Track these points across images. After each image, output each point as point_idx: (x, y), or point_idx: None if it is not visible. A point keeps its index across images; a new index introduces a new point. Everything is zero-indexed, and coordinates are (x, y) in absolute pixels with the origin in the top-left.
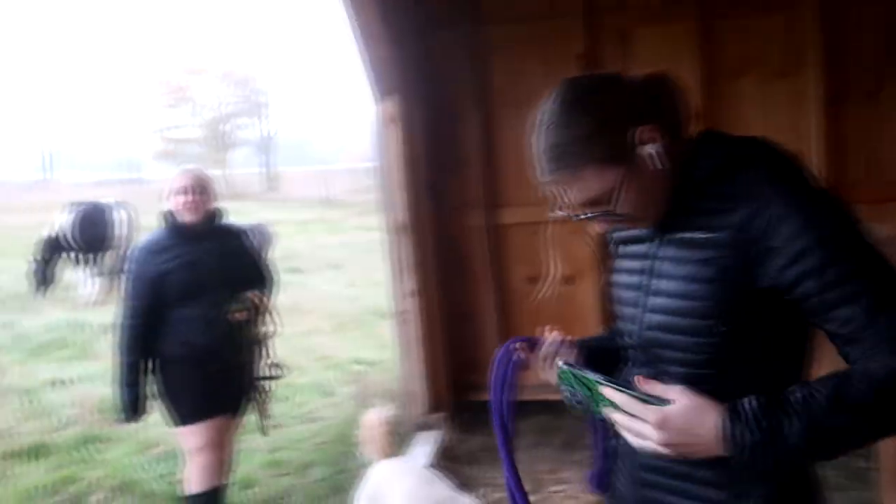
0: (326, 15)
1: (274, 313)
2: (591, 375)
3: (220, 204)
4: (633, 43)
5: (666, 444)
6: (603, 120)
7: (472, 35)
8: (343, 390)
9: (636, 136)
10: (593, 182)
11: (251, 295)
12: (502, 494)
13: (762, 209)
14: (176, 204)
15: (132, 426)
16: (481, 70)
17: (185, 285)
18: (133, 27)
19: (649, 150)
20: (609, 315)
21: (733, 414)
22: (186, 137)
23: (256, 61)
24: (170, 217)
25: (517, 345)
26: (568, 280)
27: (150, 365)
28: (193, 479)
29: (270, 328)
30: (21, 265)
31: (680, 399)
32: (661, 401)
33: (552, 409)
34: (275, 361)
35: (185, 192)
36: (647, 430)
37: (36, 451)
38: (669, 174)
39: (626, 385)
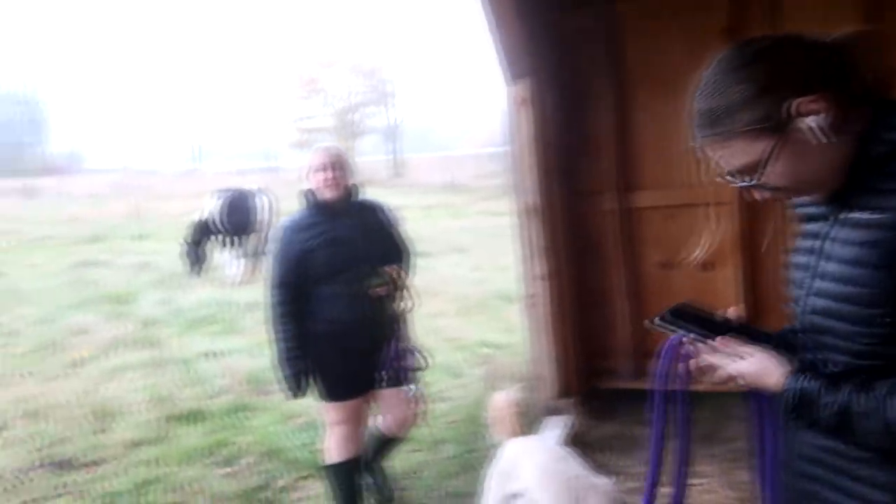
0: (451, 2)
1: (412, 289)
2: (679, 331)
3: (357, 180)
4: (785, 12)
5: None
6: (758, 89)
7: (605, 12)
8: (471, 372)
9: (794, 107)
10: (741, 151)
11: (389, 269)
12: (636, 484)
13: None
14: (315, 181)
15: (275, 398)
16: (615, 49)
17: (329, 262)
18: (270, 25)
19: (810, 122)
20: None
21: (792, 380)
22: (318, 127)
23: (383, 52)
24: (310, 195)
25: (686, 338)
26: (706, 266)
27: (301, 342)
28: (333, 450)
29: (408, 304)
30: (176, 247)
31: (753, 357)
32: (739, 354)
33: (690, 399)
34: (417, 349)
35: (324, 169)
36: (727, 377)
37: (193, 416)
38: (841, 148)
39: (706, 338)
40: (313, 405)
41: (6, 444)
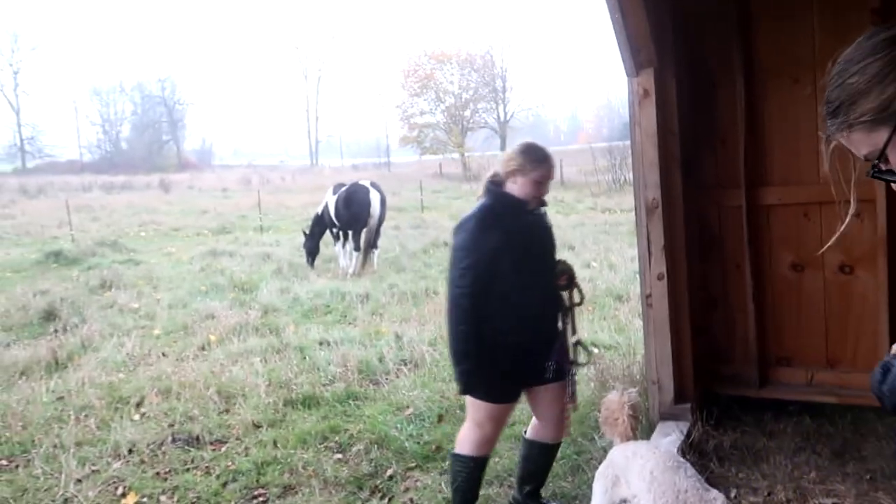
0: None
1: (580, 284)
2: None
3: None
4: None
5: None
6: (877, 78)
7: None
8: (580, 372)
9: None
10: (860, 142)
11: (565, 262)
12: (756, 498)
13: None
14: (525, 186)
15: (385, 388)
16: (744, 32)
17: (514, 256)
18: (385, 20)
19: None
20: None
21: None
22: (429, 123)
23: (495, 47)
24: (495, 188)
25: None
26: (843, 268)
27: (480, 337)
28: (468, 444)
29: (578, 297)
30: (296, 238)
31: None
32: None
33: (820, 412)
34: (583, 343)
35: (542, 182)
36: None
37: (308, 402)
38: None
39: None
40: (420, 397)
41: (143, 418)
